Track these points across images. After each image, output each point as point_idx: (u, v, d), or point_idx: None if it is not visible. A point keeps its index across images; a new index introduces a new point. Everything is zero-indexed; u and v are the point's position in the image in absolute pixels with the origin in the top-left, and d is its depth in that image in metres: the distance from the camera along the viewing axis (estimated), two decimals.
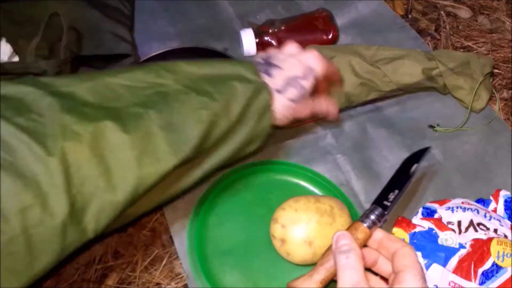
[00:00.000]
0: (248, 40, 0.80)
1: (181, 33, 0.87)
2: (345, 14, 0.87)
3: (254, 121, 0.52)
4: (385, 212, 0.49)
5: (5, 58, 0.69)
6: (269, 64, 0.55)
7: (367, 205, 0.65)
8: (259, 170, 0.67)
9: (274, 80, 0.54)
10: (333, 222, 0.54)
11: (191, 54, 0.79)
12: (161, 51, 0.79)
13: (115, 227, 0.48)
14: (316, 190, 0.65)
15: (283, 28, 0.81)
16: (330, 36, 0.82)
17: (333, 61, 0.74)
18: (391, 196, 0.50)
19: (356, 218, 0.61)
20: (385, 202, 0.50)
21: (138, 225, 0.66)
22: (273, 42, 0.81)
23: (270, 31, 0.81)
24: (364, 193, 0.67)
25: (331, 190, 0.65)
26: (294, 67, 0.55)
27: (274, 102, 0.54)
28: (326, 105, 0.62)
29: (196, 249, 0.60)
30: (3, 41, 0.69)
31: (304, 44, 0.80)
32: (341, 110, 0.75)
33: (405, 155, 0.69)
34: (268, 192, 0.65)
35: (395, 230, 0.58)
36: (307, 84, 0.55)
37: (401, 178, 0.53)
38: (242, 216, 0.63)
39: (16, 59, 0.70)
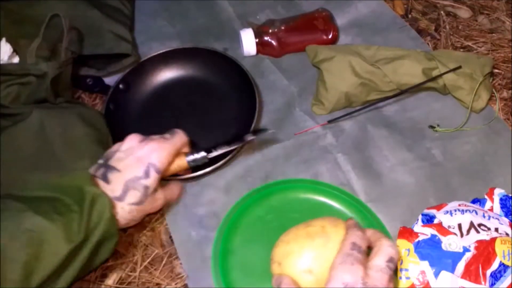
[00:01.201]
0: (248, 40, 0.80)
1: (181, 33, 0.87)
2: (345, 14, 0.87)
3: (97, 235, 0.48)
4: (207, 155, 0.59)
5: (5, 57, 0.69)
6: (107, 166, 0.53)
7: (367, 205, 0.65)
8: (279, 190, 0.66)
9: (112, 186, 0.51)
10: (328, 241, 0.50)
11: (191, 54, 0.79)
12: (161, 51, 0.79)
13: None
14: (339, 206, 0.64)
15: (283, 28, 0.81)
16: (330, 36, 0.82)
17: (333, 61, 0.74)
18: (219, 149, 0.60)
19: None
20: (212, 150, 0.59)
21: (138, 225, 0.66)
22: (273, 42, 0.81)
23: (270, 31, 0.81)
24: (364, 193, 0.67)
25: (356, 206, 0.64)
26: (133, 167, 0.53)
27: (115, 209, 0.51)
28: (175, 191, 0.61)
29: (221, 274, 0.59)
30: (3, 41, 0.69)
31: (304, 44, 0.80)
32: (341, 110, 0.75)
33: (405, 154, 0.70)
34: (290, 212, 0.64)
35: (399, 241, 0.57)
36: (150, 182, 0.53)
37: (235, 140, 0.61)
38: (266, 238, 0.60)
39: (16, 59, 0.70)
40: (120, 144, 0.56)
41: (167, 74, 0.79)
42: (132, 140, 0.56)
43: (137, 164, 0.53)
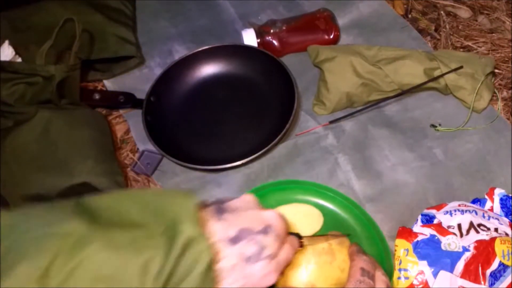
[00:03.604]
0: (250, 41, 0.80)
1: (182, 33, 0.87)
2: (346, 14, 0.87)
3: None
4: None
5: (6, 60, 0.69)
6: (223, 207, 0.42)
7: (367, 205, 0.65)
8: (277, 190, 0.66)
9: (226, 225, 0.39)
10: (333, 260, 0.51)
11: (208, 54, 0.79)
12: (182, 57, 0.78)
13: None
14: (335, 208, 0.64)
15: (284, 28, 0.81)
16: (331, 36, 0.82)
17: (335, 61, 0.74)
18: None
19: (374, 236, 0.61)
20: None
21: None
22: (275, 42, 0.81)
23: (272, 31, 0.81)
24: (364, 193, 0.67)
25: (352, 208, 0.64)
26: (250, 218, 0.41)
27: (222, 259, 0.38)
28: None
29: None
30: (6, 44, 0.70)
31: (305, 44, 0.80)
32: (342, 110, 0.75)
33: (406, 154, 0.70)
34: None
35: (398, 241, 0.58)
36: (268, 242, 0.41)
37: None
38: None
39: (18, 61, 0.70)
40: (235, 197, 0.45)
41: (193, 78, 0.80)
42: (251, 199, 0.45)
43: (258, 219, 0.42)
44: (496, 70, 0.79)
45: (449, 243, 0.56)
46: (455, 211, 0.60)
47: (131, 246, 0.33)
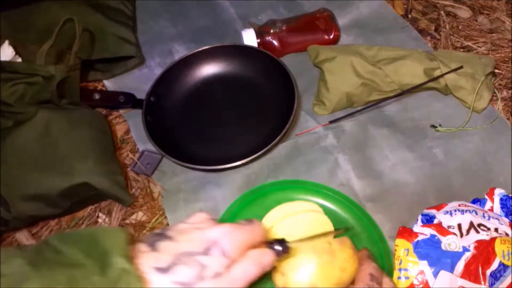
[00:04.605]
0: (250, 41, 0.80)
1: (182, 33, 0.88)
2: (346, 14, 0.87)
3: None
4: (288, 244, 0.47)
5: (6, 60, 0.69)
6: (161, 235, 0.42)
7: (367, 205, 0.65)
8: (276, 190, 0.66)
9: (158, 255, 0.40)
10: (333, 259, 0.50)
11: (207, 55, 0.79)
12: (181, 58, 0.78)
13: None
14: (335, 208, 0.64)
15: (284, 28, 0.81)
16: (331, 36, 0.82)
17: (335, 61, 0.74)
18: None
19: (374, 236, 0.61)
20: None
21: (138, 225, 0.66)
22: (275, 42, 0.81)
23: (272, 31, 0.81)
24: (364, 193, 0.67)
25: (352, 208, 0.64)
26: (194, 241, 0.42)
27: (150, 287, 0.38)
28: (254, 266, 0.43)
29: None
30: (6, 44, 0.70)
31: (305, 44, 0.80)
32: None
33: (406, 154, 0.70)
34: None
35: (398, 241, 0.57)
36: (210, 261, 0.40)
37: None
38: None
39: (18, 61, 0.70)
40: (186, 217, 0.46)
41: (193, 78, 0.80)
42: (202, 216, 0.45)
43: (200, 240, 0.42)
44: (496, 70, 0.79)
45: (449, 243, 0.56)
46: (455, 211, 0.60)
47: (67, 284, 0.35)
